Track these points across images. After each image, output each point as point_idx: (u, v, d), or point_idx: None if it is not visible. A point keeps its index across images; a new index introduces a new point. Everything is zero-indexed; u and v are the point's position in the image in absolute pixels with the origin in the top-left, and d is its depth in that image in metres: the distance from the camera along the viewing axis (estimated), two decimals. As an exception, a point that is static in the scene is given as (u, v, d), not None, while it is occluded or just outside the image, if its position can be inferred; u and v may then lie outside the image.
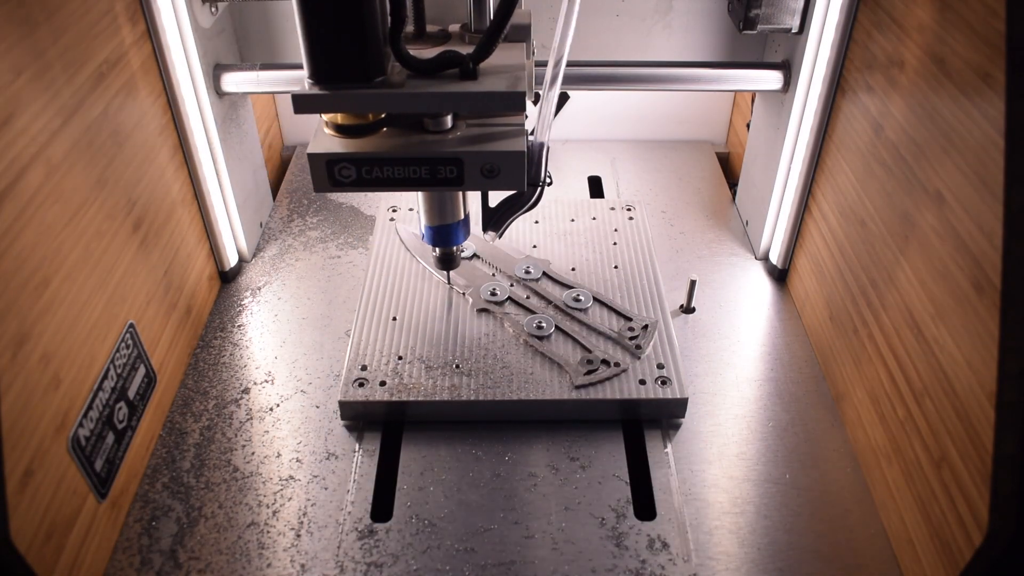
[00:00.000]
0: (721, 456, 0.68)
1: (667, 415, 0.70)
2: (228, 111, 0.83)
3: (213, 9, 0.79)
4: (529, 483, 0.65)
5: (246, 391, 0.73)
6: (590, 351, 0.71)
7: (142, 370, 0.67)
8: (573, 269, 0.82)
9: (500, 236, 0.67)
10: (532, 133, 0.59)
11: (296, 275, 0.87)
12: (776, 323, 0.81)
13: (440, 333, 0.73)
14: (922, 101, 0.59)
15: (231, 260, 0.86)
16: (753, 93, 0.98)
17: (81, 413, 0.57)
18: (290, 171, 1.06)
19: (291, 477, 0.66)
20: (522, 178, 0.55)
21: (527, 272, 0.80)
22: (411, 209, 0.90)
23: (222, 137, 0.81)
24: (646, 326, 0.74)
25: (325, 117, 0.55)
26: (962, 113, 0.53)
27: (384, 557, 0.60)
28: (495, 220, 0.66)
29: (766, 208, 0.87)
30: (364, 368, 0.70)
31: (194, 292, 0.79)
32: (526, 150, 0.55)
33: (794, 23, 0.77)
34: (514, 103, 0.52)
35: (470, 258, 0.82)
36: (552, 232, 0.87)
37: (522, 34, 0.59)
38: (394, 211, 0.90)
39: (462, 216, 0.67)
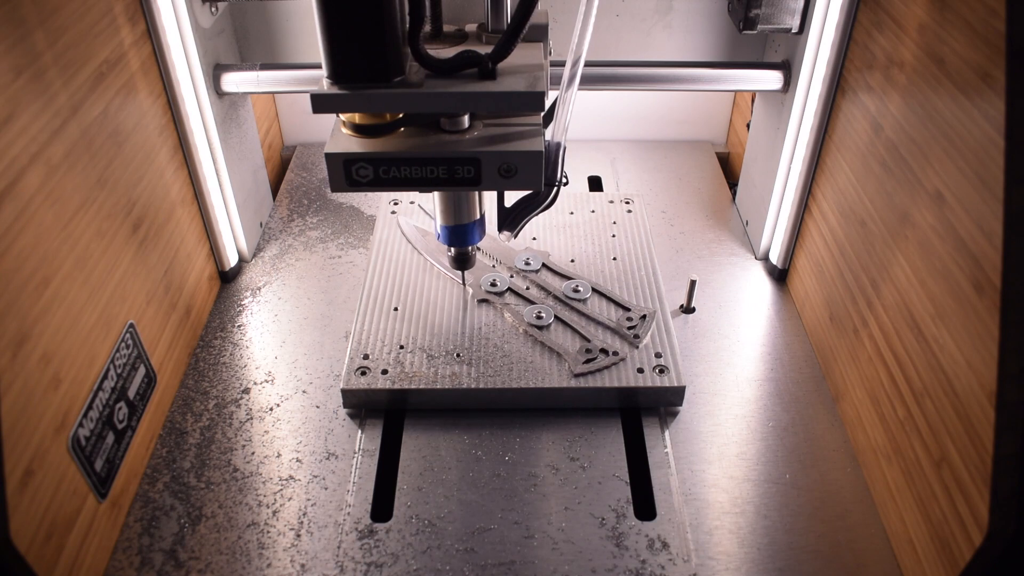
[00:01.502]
0: (721, 456, 0.68)
1: (665, 403, 0.71)
2: (228, 111, 0.83)
3: (213, 9, 0.79)
4: (529, 483, 0.65)
5: (246, 391, 0.73)
6: (589, 340, 0.72)
7: (142, 370, 0.67)
8: (572, 260, 0.83)
9: (515, 236, 0.67)
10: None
11: (296, 275, 0.87)
12: (776, 323, 0.81)
13: (441, 323, 0.75)
14: (922, 101, 0.59)
15: (231, 260, 0.86)
16: (753, 93, 0.98)
17: (81, 413, 0.57)
18: (290, 171, 1.06)
19: (291, 477, 0.66)
20: (539, 178, 0.55)
21: (527, 263, 0.81)
22: (412, 202, 0.91)
23: (222, 137, 0.81)
24: (644, 316, 0.75)
25: (342, 117, 0.55)
26: (962, 113, 0.53)
27: (384, 557, 0.60)
28: (511, 220, 0.66)
29: (766, 208, 0.87)
30: (366, 357, 0.71)
31: (194, 292, 0.79)
32: (544, 150, 0.55)
33: (794, 23, 0.77)
34: (534, 103, 0.52)
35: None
36: (551, 224, 0.88)
37: (539, 34, 0.59)
38: (396, 204, 0.91)
39: (478, 216, 0.67)
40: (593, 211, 0.90)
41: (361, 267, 0.88)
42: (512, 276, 0.80)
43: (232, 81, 0.80)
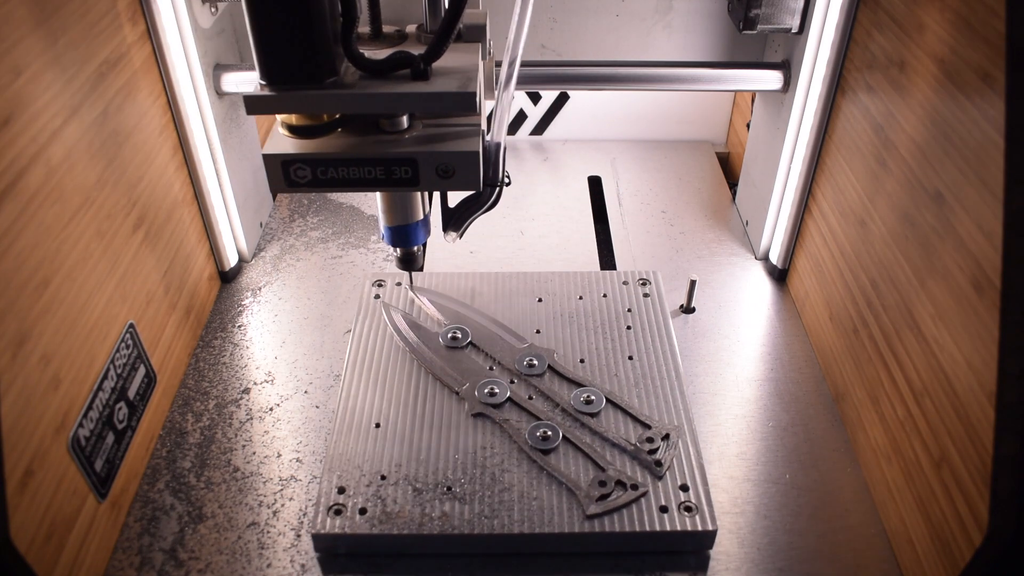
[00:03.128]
0: (721, 456, 0.68)
1: (693, 547, 0.60)
2: (228, 111, 0.83)
3: (213, 9, 0.79)
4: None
5: (246, 391, 0.73)
6: (603, 469, 0.62)
7: (142, 370, 0.67)
8: (582, 361, 0.72)
9: (460, 236, 0.66)
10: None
11: (296, 275, 0.87)
12: (776, 323, 0.81)
13: (430, 444, 0.64)
14: (922, 101, 0.59)
15: (231, 260, 0.86)
16: (753, 93, 0.98)
17: (81, 413, 0.57)
18: (290, 171, 1.06)
19: (292, 477, 0.66)
20: (478, 178, 0.55)
21: (530, 366, 0.71)
22: (399, 284, 0.80)
23: (222, 137, 0.81)
24: (667, 436, 0.64)
25: (280, 118, 0.55)
26: (962, 113, 0.53)
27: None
28: (455, 220, 0.65)
29: (766, 208, 0.87)
30: (342, 491, 0.61)
31: (194, 292, 0.79)
32: (481, 150, 0.55)
33: (794, 23, 0.77)
34: (465, 104, 0.51)
35: (465, 347, 0.73)
36: (557, 313, 0.77)
37: (477, 34, 0.58)
38: (380, 286, 0.80)
39: (422, 216, 0.65)
40: (605, 295, 0.79)
41: (361, 267, 0.88)
42: (513, 382, 0.70)
43: (232, 81, 0.80)
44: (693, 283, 0.82)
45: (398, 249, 0.68)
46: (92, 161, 0.61)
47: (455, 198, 0.65)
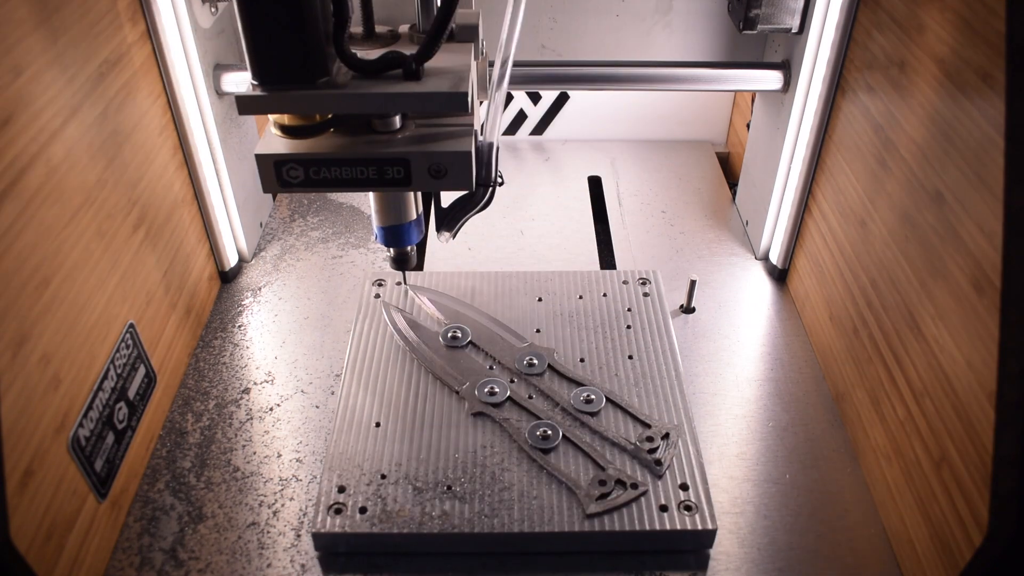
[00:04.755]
0: (721, 456, 0.68)
1: (692, 546, 0.61)
2: (228, 111, 0.83)
3: (213, 9, 0.79)
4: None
5: (246, 391, 0.73)
6: (603, 468, 0.62)
7: (142, 370, 0.67)
8: (582, 360, 0.72)
9: (454, 236, 0.65)
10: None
11: (296, 275, 0.87)
12: (776, 323, 0.81)
13: (430, 443, 0.64)
14: (922, 101, 0.59)
15: (231, 260, 0.86)
16: (753, 93, 0.98)
17: (81, 413, 0.57)
18: (290, 171, 1.06)
19: (292, 477, 0.66)
20: (470, 178, 0.55)
21: (530, 365, 0.71)
22: (398, 283, 0.80)
23: (222, 137, 0.81)
24: (667, 435, 0.65)
25: (272, 118, 0.55)
26: (962, 113, 0.53)
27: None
28: (448, 220, 0.65)
29: (766, 208, 0.87)
30: (342, 490, 0.61)
31: (194, 292, 0.79)
32: (473, 150, 0.55)
33: (794, 23, 0.77)
34: (457, 104, 0.51)
35: (465, 347, 0.73)
36: (557, 312, 0.77)
37: (470, 34, 0.58)
38: (380, 285, 0.80)
39: (415, 216, 0.65)
40: (605, 295, 0.79)
41: (361, 267, 0.88)
42: (513, 381, 0.70)
43: (232, 81, 0.80)
44: (693, 283, 0.82)
45: (392, 249, 0.67)
46: (92, 161, 0.61)
47: (442, 199, 0.65)
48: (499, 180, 0.60)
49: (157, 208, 0.72)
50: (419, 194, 0.64)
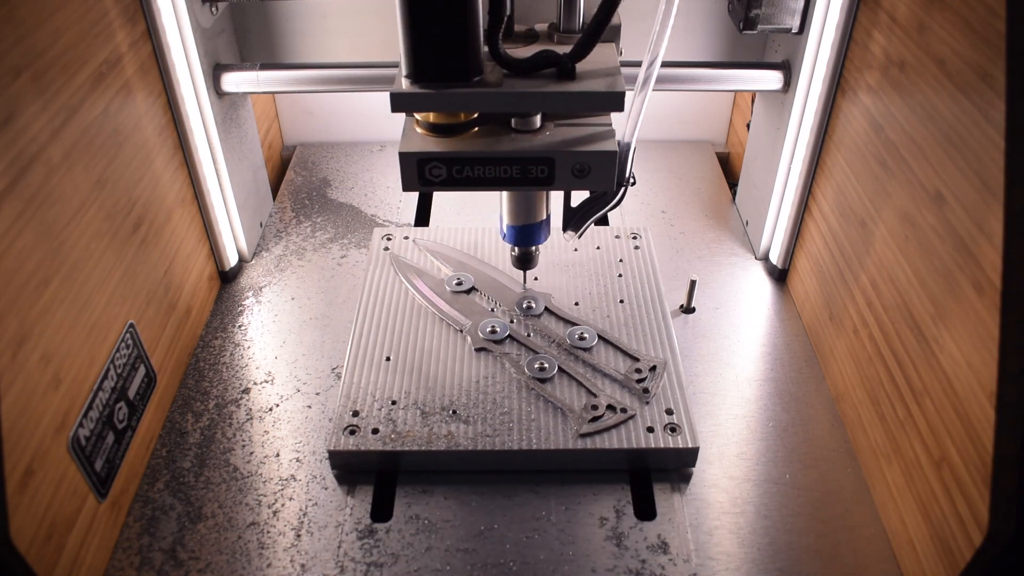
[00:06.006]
0: (721, 456, 0.68)
1: (677, 464, 0.66)
2: (228, 111, 0.83)
3: (213, 9, 0.79)
4: (531, 484, 0.65)
5: (246, 391, 0.73)
6: (595, 395, 0.67)
7: (142, 370, 0.67)
8: (576, 304, 0.77)
9: (580, 236, 0.66)
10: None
11: (296, 275, 0.87)
12: (776, 323, 0.81)
13: (436, 375, 0.69)
14: (922, 101, 0.59)
15: (231, 260, 0.86)
16: (753, 93, 0.98)
17: (81, 413, 0.57)
18: (290, 171, 1.06)
19: (292, 477, 0.66)
20: (612, 178, 0.55)
21: (528, 307, 0.76)
22: (406, 237, 0.85)
23: (222, 137, 0.81)
24: (654, 367, 0.70)
25: (416, 116, 0.54)
26: (962, 113, 0.53)
27: (384, 557, 0.60)
28: (576, 220, 0.65)
29: (766, 208, 0.87)
30: (356, 414, 0.66)
31: (194, 292, 0.79)
32: (618, 150, 0.55)
33: (794, 23, 0.77)
34: (614, 103, 0.52)
35: (468, 291, 0.78)
36: (554, 263, 0.83)
37: (613, 34, 0.59)
38: (388, 239, 0.85)
39: (545, 216, 0.66)
40: (598, 248, 0.85)
41: (362, 267, 0.88)
42: (512, 321, 0.75)
43: (232, 81, 0.80)
44: (693, 283, 0.82)
45: (517, 248, 0.69)
46: (92, 161, 0.61)
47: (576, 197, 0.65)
48: (631, 180, 0.60)
49: (157, 208, 0.72)
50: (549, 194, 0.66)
